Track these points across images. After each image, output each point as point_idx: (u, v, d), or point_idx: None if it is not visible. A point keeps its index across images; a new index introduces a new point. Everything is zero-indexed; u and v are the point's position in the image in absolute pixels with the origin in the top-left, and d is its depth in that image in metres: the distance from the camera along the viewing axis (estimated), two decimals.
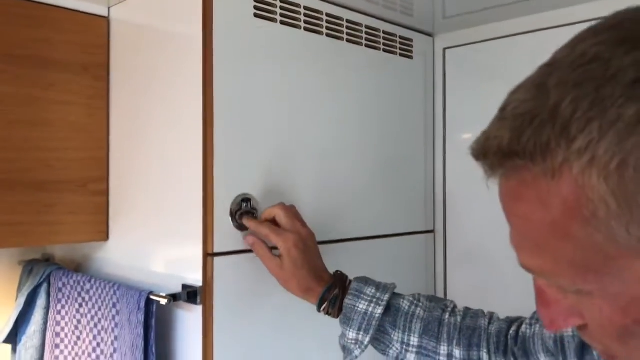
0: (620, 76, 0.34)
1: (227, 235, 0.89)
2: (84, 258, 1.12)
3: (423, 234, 1.28)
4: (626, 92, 0.33)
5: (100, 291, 0.97)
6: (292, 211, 0.89)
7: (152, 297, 0.87)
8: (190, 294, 0.86)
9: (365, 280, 0.86)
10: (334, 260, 0.94)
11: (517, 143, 0.37)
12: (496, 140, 0.38)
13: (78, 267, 1.13)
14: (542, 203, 0.37)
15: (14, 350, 1.10)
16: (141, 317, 0.87)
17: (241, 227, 0.90)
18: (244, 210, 0.91)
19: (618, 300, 0.38)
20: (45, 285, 1.07)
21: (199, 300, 0.86)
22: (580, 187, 0.35)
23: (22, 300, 1.07)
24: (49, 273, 1.07)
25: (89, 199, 1.03)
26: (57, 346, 1.04)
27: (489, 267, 1.21)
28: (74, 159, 1.01)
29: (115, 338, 0.93)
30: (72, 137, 1.01)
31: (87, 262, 1.11)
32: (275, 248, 0.86)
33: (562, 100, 0.35)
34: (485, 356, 0.79)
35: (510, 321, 0.81)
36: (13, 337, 1.09)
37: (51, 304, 1.06)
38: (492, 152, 0.39)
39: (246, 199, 0.91)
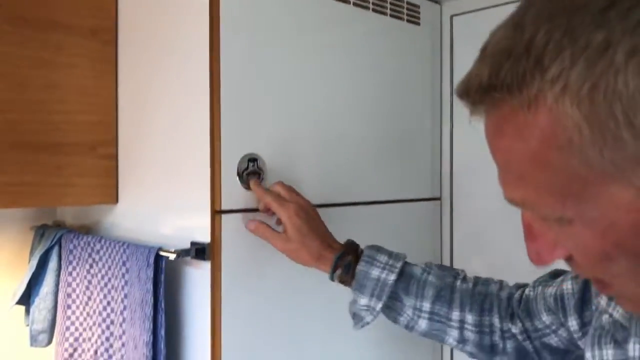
0: (591, 5, 0.35)
1: (234, 193, 0.90)
2: (94, 223, 1.13)
3: (429, 200, 1.29)
4: (595, 20, 0.34)
5: (110, 251, 0.99)
6: (289, 187, 0.90)
7: (161, 252, 0.89)
8: (199, 251, 0.87)
9: (377, 248, 0.86)
10: (341, 224, 0.95)
11: (495, 78, 0.38)
12: (477, 78, 0.40)
13: (88, 232, 1.14)
14: (521, 135, 0.39)
15: (27, 311, 1.12)
16: (150, 273, 0.89)
17: (249, 186, 0.91)
18: (250, 170, 0.92)
19: (596, 224, 0.39)
20: (56, 248, 1.09)
21: (207, 257, 0.87)
22: (554, 115, 0.36)
23: (34, 262, 1.09)
24: (60, 236, 1.09)
25: (98, 162, 1.04)
26: (68, 306, 1.06)
27: (495, 233, 1.21)
28: (83, 122, 1.02)
29: (125, 295, 0.95)
30: (81, 101, 1.02)
31: (97, 226, 1.13)
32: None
33: (537, 33, 0.37)
34: (496, 321, 0.80)
35: (518, 287, 0.83)
36: (26, 299, 1.11)
37: (62, 266, 1.08)
38: (474, 89, 0.40)
39: (253, 159, 0.92)
